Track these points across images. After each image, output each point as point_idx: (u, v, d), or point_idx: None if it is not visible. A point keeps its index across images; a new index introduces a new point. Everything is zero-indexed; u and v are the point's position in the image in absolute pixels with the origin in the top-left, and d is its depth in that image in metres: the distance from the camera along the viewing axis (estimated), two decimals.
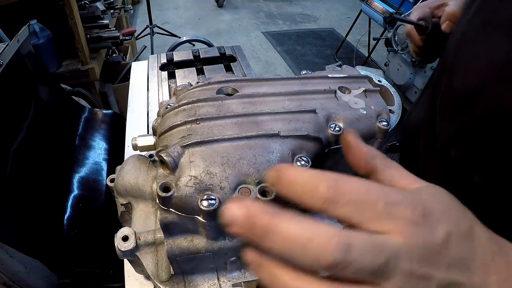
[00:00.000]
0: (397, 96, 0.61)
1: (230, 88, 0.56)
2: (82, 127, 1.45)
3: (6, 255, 0.85)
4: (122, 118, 1.60)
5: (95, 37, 2.03)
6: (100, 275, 1.06)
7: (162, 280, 0.51)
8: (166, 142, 0.48)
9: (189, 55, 1.25)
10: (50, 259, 0.96)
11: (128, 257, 0.51)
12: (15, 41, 1.13)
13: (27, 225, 0.96)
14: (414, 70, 2.55)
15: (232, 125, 0.48)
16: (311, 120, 0.50)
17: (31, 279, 0.91)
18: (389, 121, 0.53)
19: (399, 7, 3.05)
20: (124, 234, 0.49)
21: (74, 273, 1.01)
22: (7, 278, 0.87)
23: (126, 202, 0.56)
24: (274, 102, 0.53)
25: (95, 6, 2.19)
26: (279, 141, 0.46)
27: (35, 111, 1.18)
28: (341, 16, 5.12)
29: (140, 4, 5.29)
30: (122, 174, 0.55)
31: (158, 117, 0.58)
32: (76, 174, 1.26)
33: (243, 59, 1.27)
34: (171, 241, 0.46)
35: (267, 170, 0.32)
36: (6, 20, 1.52)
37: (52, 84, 1.40)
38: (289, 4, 5.54)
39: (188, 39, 2.85)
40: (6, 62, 1.05)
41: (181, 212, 0.43)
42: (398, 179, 0.30)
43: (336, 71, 0.62)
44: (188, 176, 0.43)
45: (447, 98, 0.53)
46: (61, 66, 1.92)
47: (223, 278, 0.52)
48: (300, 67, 3.84)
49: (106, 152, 1.43)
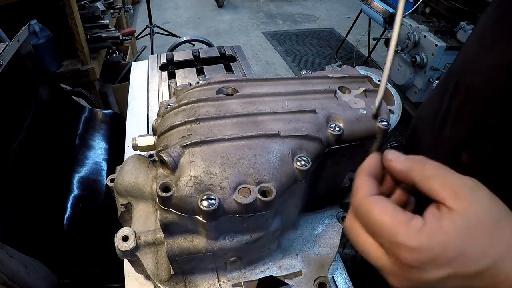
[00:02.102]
0: (397, 96, 0.61)
1: (230, 88, 0.56)
2: (82, 127, 1.45)
3: (6, 255, 0.85)
4: (122, 118, 1.60)
5: (95, 37, 2.03)
6: (100, 275, 1.06)
7: (162, 280, 0.51)
8: (166, 142, 0.48)
9: (189, 55, 1.25)
10: (50, 259, 0.95)
11: (128, 257, 0.51)
12: (15, 41, 1.13)
13: (27, 225, 0.96)
14: (414, 70, 2.55)
15: (232, 125, 0.48)
16: (311, 120, 0.50)
17: (31, 279, 0.91)
18: (389, 121, 0.53)
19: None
20: (124, 234, 0.49)
21: (74, 273, 1.01)
22: (7, 278, 0.87)
23: (126, 202, 0.56)
24: (274, 102, 0.53)
25: (95, 6, 2.19)
26: (279, 141, 0.46)
27: (35, 111, 1.18)
28: (341, 16, 5.12)
29: (140, 4, 5.29)
30: (122, 174, 0.55)
31: (158, 117, 0.58)
32: (76, 174, 1.26)
33: (243, 59, 1.27)
34: (171, 241, 0.46)
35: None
36: (6, 20, 1.52)
37: (52, 84, 1.40)
38: (289, 4, 5.54)
39: (188, 39, 2.84)
40: (6, 62, 1.05)
41: (181, 212, 0.43)
42: (437, 191, 0.33)
43: (336, 71, 0.62)
44: (188, 176, 0.43)
45: (467, 99, 0.53)
46: (61, 66, 1.92)
47: (223, 278, 0.52)
48: (300, 67, 3.84)
49: (106, 152, 1.42)
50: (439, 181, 0.33)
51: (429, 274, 0.31)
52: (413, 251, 0.31)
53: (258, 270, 0.54)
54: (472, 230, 0.31)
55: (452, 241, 0.30)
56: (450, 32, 2.43)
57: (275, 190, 0.43)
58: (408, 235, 0.31)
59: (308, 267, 0.55)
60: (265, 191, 0.43)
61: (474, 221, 0.31)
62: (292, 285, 0.52)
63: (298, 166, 0.45)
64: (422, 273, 0.31)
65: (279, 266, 0.54)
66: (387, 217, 0.33)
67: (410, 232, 0.31)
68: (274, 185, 0.43)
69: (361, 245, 0.36)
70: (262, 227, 0.47)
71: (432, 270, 0.31)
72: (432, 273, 0.31)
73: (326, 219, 0.61)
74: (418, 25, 2.49)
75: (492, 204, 0.32)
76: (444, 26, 2.50)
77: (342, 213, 0.61)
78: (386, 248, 0.33)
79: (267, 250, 0.52)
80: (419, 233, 0.31)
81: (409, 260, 0.31)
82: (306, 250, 0.56)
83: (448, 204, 0.32)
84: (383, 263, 0.34)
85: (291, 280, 0.53)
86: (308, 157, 0.46)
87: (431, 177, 0.33)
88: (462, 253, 0.30)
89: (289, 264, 0.55)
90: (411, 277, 0.32)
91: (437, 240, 0.31)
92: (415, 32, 2.47)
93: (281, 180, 0.44)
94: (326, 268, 0.55)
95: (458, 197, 0.32)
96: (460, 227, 0.31)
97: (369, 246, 0.35)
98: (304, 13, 5.22)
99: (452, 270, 0.30)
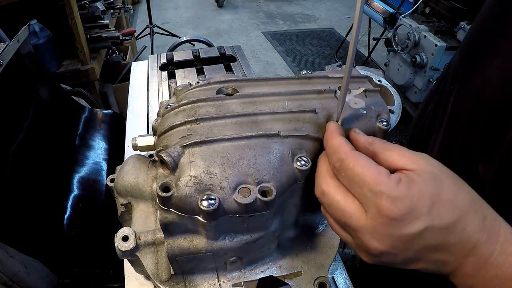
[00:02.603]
0: (397, 96, 0.61)
1: (230, 88, 0.56)
2: (82, 127, 1.45)
3: (6, 255, 0.85)
4: (122, 118, 1.60)
5: (95, 37, 2.03)
6: (100, 275, 1.06)
7: (162, 280, 0.51)
8: (166, 142, 0.48)
9: (189, 55, 1.25)
10: (50, 259, 0.95)
11: (128, 257, 0.51)
12: (15, 41, 1.13)
13: (27, 225, 0.96)
14: (414, 70, 2.55)
15: (232, 125, 0.48)
16: (311, 120, 0.50)
17: (31, 279, 0.91)
18: (389, 121, 0.53)
19: (399, 7, 3.05)
20: (124, 234, 0.49)
21: (74, 273, 1.01)
22: (7, 278, 0.87)
23: (126, 202, 0.56)
24: (274, 102, 0.53)
25: (95, 6, 2.19)
26: (279, 141, 0.46)
27: (35, 111, 1.18)
28: (341, 16, 5.12)
29: (140, 4, 5.29)
30: (122, 174, 0.55)
31: (158, 117, 0.58)
32: (76, 174, 1.26)
33: (243, 59, 1.27)
34: (171, 241, 0.46)
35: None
36: (6, 20, 1.52)
37: (52, 84, 1.40)
38: (289, 4, 5.54)
39: (188, 39, 2.84)
40: (6, 62, 1.05)
41: (181, 212, 0.43)
42: (396, 159, 0.36)
43: (336, 71, 0.62)
44: (188, 176, 0.43)
45: (478, 105, 0.51)
46: (61, 66, 1.92)
47: (223, 278, 0.52)
48: (300, 67, 3.84)
49: (106, 152, 1.43)
50: (397, 152, 0.36)
51: (409, 227, 0.32)
52: (394, 201, 0.32)
53: (258, 270, 0.54)
54: (439, 183, 0.33)
55: (427, 191, 0.32)
56: (450, 32, 2.43)
57: (275, 190, 0.43)
58: (389, 185, 0.33)
59: (308, 267, 0.55)
60: (265, 191, 0.43)
61: (438, 176, 0.34)
62: (292, 285, 0.52)
63: (298, 166, 0.45)
64: (402, 226, 0.32)
65: (279, 266, 0.54)
66: (371, 169, 0.34)
67: (391, 182, 0.33)
68: (274, 185, 0.43)
69: (340, 204, 0.36)
70: (262, 227, 0.47)
71: (412, 222, 0.32)
72: (412, 226, 0.32)
73: None
74: (418, 25, 2.49)
75: (446, 169, 0.35)
76: (444, 26, 2.50)
77: None
78: (365, 201, 0.34)
79: (267, 250, 0.52)
80: (399, 184, 0.33)
81: (390, 211, 0.32)
82: (306, 250, 0.56)
83: (409, 167, 0.35)
84: (362, 222, 0.34)
85: (291, 280, 0.53)
86: (308, 157, 0.46)
87: (390, 149, 0.37)
88: (436, 201, 0.32)
89: (289, 264, 0.55)
90: (392, 232, 0.33)
91: (415, 189, 0.32)
92: (415, 32, 2.47)
93: (281, 180, 0.44)
94: (326, 268, 0.55)
95: (416, 162, 0.35)
96: (429, 180, 0.33)
97: (349, 205, 0.35)
98: (304, 13, 5.22)
99: (429, 222, 0.32)
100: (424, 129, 0.69)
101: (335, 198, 0.37)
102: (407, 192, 0.32)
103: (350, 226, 0.36)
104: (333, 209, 0.37)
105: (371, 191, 0.33)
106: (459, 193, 0.33)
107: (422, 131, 0.69)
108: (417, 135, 0.73)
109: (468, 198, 0.33)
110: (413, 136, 0.76)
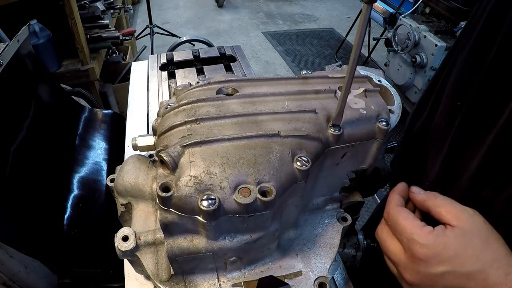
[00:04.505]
0: (397, 96, 0.61)
1: (230, 88, 0.56)
2: (82, 127, 1.45)
3: (6, 255, 0.85)
4: (122, 118, 1.60)
5: (95, 37, 2.03)
6: (100, 275, 1.06)
7: (162, 280, 0.51)
8: (166, 142, 0.48)
9: (189, 55, 1.25)
10: (50, 259, 0.95)
11: (128, 257, 0.51)
12: (15, 41, 1.13)
13: (27, 225, 0.96)
14: (414, 70, 2.55)
15: (232, 125, 0.48)
16: (311, 120, 0.50)
17: (31, 279, 0.91)
18: (389, 121, 0.53)
19: (399, 7, 3.05)
20: (124, 234, 0.49)
21: (74, 273, 1.01)
22: (7, 278, 0.87)
23: (126, 202, 0.56)
24: (274, 102, 0.53)
25: (95, 6, 2.19)
26: (279, 141, 0.46)
27: (35, 111, 1.18)
28: (341, 16, 5.12)
29: (140, 4, 5.29)
30: (122, 174, 0.55)
31: (158, 117, 0.58)
32: (76, 174, 1.26)
33: (243, 59, 1.27)
34: (171, 241, 0.46)
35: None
36: (6, 20, 1.52)
37: (52, 84, 1.40)
38: (289, 4, 5.54)
39: (188, 39, 2.85)
40: (6, 62, 1.05)
41: (181, 212, 0.43)
42: (443, 215, 0.45)
43: (336, 71, 0.62)
44: (188, 176, 0.43)
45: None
46: (61, 66, 1.92)
47: (223, 278, 0.52)
48: (300, 67, 3.84)
49: (106, 152, 1.43)
50: (445, 209, 0.45)
51: (433, 268, 0.42)
52: (422, 247, 0.42)
53: (258, 270, 0.54)
54: (467, 240, 0.41)
55: (452, 244, 0.41)
56: (450, 32, 2.43)
57: (275, 190, 0.43)
58: (420, 235, 0.43)
59: (308, 267, 0.55)
60: (265, 191, 0.43)
61: (469, 234, 0.42)
62: (292, 285, 0.52)
63: (298, 166, 0.45)
64: (427, 266, 0.42)
65: (279, 266, 0.54)
66: (408, 221, 0.45)
67: (423, 233, 0.43)
68: (274, 185, 0.43)
69: (387, 244, 0.48)
70: (262, 227, 0.47)
71: (436, 264, 0.41)
72: (436, 268, 0.41)
73: (326, 219, 0.61)
74: (418, 25, 2.49)
75: (485, 226, 0.43)
76: (444, 26, 2.50)
77: (342, 213, 0.61)
78: (404, 244, 0.45)
79: (267, 250, 0.52)
80: (428, 235, 0.43)
81: (419, 254, 0.42)
82: (306, 250, 0.56)
83: (452, 224, 0.43)
84: (401, 257, 0.45)
85: (291, 280, 0.53)
86: (308, 157, 0.46)
87: (440, 206, 0.46)
88: (459, 254, 0.41)
89: (289, 264, 0.55)
90: (420, 269, 0.43)
91: (440, 241, 0.42)
92: (415, 32, 2.47)
93: (281, 180, 0.44)
94: (326, 268, 0.55)
95: (458, 219, 0.43)
96: (459, 236, 0.42)
97: (393, 245, 0.47)
98: (304, 13, 5.22)
99: (450, 267, 0.41)
100: (419, 140, 0.67)
101: (384, 239, 0.49)
102: (433, 242, 0.42)
103: (392, 261, 0.47)
104: (383, 247, 0.49)
105: (407, 238, 0.44)
106: (485, 251, 0.41)
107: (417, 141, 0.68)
108: (412, 140, 0.73)
109: (493, 255, 0.40)
110: (407, 138, 0.76)
